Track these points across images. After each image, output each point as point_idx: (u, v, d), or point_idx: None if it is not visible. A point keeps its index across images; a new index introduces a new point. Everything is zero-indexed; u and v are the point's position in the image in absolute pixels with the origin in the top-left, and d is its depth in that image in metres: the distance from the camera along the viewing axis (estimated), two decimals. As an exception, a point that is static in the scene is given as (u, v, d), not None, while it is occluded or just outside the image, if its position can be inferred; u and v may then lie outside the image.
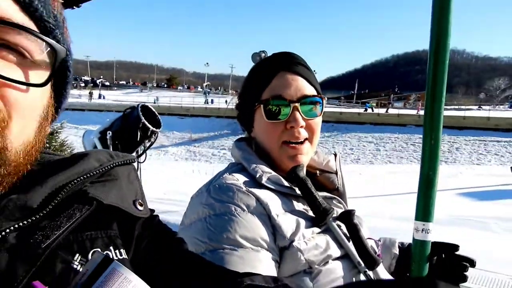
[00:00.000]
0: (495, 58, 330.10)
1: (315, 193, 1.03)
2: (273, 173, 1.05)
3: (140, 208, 0.64)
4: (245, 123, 1.18)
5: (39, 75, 0.51)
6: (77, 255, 0.51)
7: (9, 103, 0.47)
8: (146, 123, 2.81)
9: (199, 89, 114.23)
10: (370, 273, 0.98)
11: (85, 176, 0.58)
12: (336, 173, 1.23)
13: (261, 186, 1.01)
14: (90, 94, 54.55)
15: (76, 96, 54.28)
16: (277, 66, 1.10)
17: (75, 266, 0.49)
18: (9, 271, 0.45)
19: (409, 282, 0.50)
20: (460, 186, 12.01)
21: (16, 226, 0.48)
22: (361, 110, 41.22)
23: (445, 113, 0.86)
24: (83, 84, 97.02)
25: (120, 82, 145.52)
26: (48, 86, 0.55)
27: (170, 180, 11.52)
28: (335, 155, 1.27)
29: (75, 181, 0.56)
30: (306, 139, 1.09)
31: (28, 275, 0.45)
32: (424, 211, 0.77)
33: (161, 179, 11.12)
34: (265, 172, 1.04)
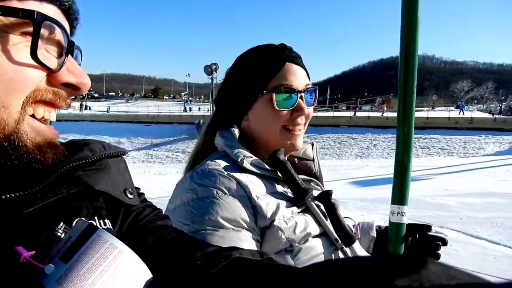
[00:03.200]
0: (461, 62, 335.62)
1: (295, 175, 1.02)
2: (254, 157, 1.04)
3: (130, 196, 0.64)
4: (236, 112, 1.12)
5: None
6: (62, 223, 0.49)
7: None
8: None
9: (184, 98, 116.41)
10: (347, 250, 0.98)
11: (77, 163, 0.58)
12: (313, 160, 1.24)
13: (243, 170, 1.00)
14: (81, 105, 53.82)
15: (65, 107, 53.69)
16: (283, 57, 1.08)
17: (58, 234, 0.48)
18: None
19: (385, 258, 0.41)
20: (359, 176, 13.00)
21: (3, 197, 0.47)
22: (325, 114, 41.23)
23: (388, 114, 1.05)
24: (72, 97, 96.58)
25: (110, 94, 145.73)
26: None
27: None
28: (312, 144, 1.26)
29: (67, 166, 0.56)
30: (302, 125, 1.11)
31: (8, 237, 0.44)
32: (399, 195, 0.76)
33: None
34: (246, 156, 1.03)
